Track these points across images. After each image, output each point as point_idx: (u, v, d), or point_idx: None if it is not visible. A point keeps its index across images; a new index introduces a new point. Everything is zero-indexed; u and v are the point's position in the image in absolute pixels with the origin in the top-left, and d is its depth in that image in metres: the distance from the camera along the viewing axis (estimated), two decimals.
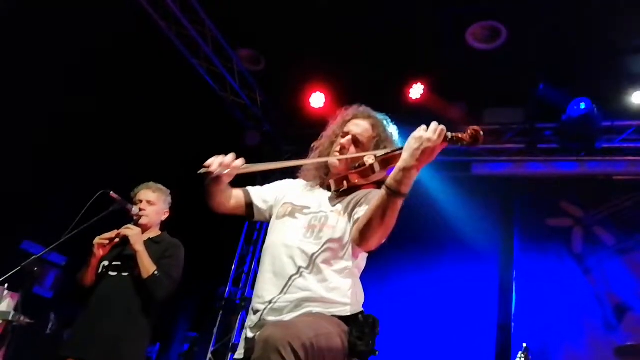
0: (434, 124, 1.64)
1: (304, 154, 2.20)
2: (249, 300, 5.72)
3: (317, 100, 5.76)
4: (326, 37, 4.94)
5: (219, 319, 5.84)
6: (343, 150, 2.00)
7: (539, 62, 4.89)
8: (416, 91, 5.38)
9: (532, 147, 5.54)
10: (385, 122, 2.07)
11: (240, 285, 6.06)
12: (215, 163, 1.82)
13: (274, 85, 5.95)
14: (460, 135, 1.66)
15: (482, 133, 1.64)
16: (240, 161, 1.87)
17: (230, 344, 5.58)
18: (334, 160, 2.00)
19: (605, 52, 4.60)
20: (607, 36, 4.46)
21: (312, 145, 2.17)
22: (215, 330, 5.77)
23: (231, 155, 1.86)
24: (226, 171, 1.84)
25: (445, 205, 5.37)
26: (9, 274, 2.17)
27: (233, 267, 6.10)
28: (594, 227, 5.26)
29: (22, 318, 2.17)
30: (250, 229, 6.30)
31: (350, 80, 5.13)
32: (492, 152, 5.71)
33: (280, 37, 5.07)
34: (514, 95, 5.33)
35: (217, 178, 1.87)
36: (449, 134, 1.64)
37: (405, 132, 1.75)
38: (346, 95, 2.24)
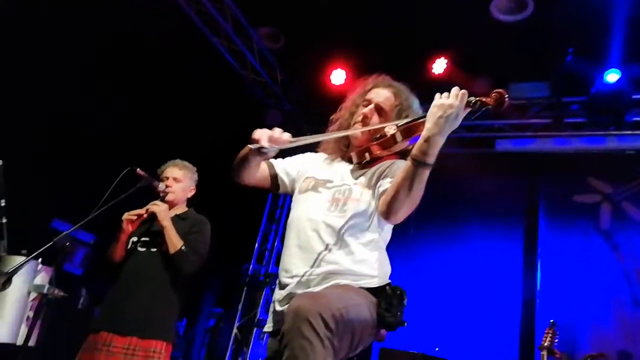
0: (455, 89, 1.61)
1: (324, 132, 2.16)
2: (272, 276, 5.84)
3: (337, 77, 5.71)
4: (346, 13, 4.86)
5: (243, 295, 5.94)
6: (365, 119, 1.97)
7: (566, 34, 4.73)
8: (439, 66, 5.28)
9: (558, 122, 5.41)
10: (406, 91, 2.04)
11: (264, 262, 6.14)
12: (264, 137, 1.74)
13: (294, 63, 5.90)
14: (484, 99, 1.62)
15: (506, 96, 1.60)
16: (288, 135, 1.80)
17: (255, 320, 5.69)
18: (357, 132, 1.97)
19: (636, 23, 4.42)
20: (638, 6, 4.29)
21: (331, 118, 2.13)
22: (240, 306, 5.89)
23: (278, 130, 1.79)
24: (276, 147, 1.77)
25: (469, 182, 5.32)
26: (42, 249, 2.23)
27: (256, 244, 6.18)
28: (623, 203, 5.14)
29: (56, 291, 2.23)
30: (273, 207, 6.35)
31: (371, 55, 5.05)
32: (517, 128, 5.60)
33: (299, 13, 5.00)
34: (541, 69, 5.19)
35: (264, 153, 1.78)
36: (472, 98, 1.61)
37: (428, 108, 1.71)
38: (367, 72, 2.19)
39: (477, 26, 4.74)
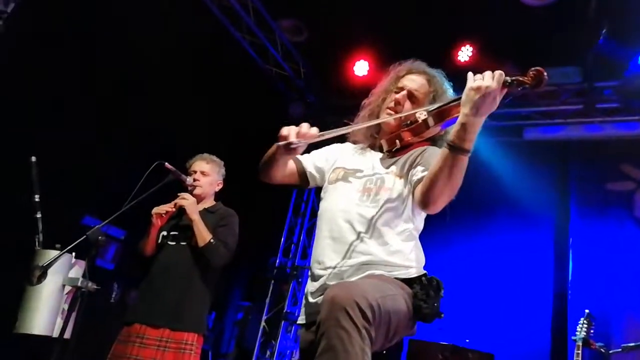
0: (488, 72, 1.54)
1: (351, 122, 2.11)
2: (299, 269, 5.86)
3: (360, 68, 5.66)
4: (368, 3, 4.79)
5: (270, 288, 5.99)
6: (398, 105, 1.91)
7: (598, 15, 4.56)
8: (465, 53, 5.18)
9: (590, 108, 5.26)
10: (440, 77, 1.97)
11: (290, 256, 6.17)
12: (292, 134, 1.69)
13: (317, 55, 5.87)
14: (521, 78, 1.55)
15: (545, 74, 1.52)
16: (315, 129, 1.73)
17: (283, 312, 5.73)
18: (389, 119, 1.92)
19: None
20: None
21: (363, 103, 2.07)
22: (267, 300, 5.94)
23: (306, 125, 1.73)
24: (304, 142, 1.71)
25: (499, 172, 5.22)
26: (76, 242, 2.26)
27: (282, 238, 6.21)
28: None
29: (89, 284, 2.27)
30: (298, 201, 6.34)
31: (395, 45, 4.96)
32: (546, 115, 5.46)
33: (321, 5, 4.96)
34: (571, 53, 5.03)
35: (293, 149, 1.72)
36: (508, 79, 1.54)
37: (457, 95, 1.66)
38: (391, 62, 2.13)
39: (504, 10, 4.62)
